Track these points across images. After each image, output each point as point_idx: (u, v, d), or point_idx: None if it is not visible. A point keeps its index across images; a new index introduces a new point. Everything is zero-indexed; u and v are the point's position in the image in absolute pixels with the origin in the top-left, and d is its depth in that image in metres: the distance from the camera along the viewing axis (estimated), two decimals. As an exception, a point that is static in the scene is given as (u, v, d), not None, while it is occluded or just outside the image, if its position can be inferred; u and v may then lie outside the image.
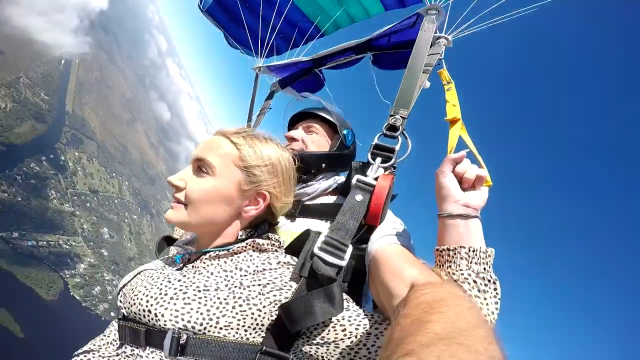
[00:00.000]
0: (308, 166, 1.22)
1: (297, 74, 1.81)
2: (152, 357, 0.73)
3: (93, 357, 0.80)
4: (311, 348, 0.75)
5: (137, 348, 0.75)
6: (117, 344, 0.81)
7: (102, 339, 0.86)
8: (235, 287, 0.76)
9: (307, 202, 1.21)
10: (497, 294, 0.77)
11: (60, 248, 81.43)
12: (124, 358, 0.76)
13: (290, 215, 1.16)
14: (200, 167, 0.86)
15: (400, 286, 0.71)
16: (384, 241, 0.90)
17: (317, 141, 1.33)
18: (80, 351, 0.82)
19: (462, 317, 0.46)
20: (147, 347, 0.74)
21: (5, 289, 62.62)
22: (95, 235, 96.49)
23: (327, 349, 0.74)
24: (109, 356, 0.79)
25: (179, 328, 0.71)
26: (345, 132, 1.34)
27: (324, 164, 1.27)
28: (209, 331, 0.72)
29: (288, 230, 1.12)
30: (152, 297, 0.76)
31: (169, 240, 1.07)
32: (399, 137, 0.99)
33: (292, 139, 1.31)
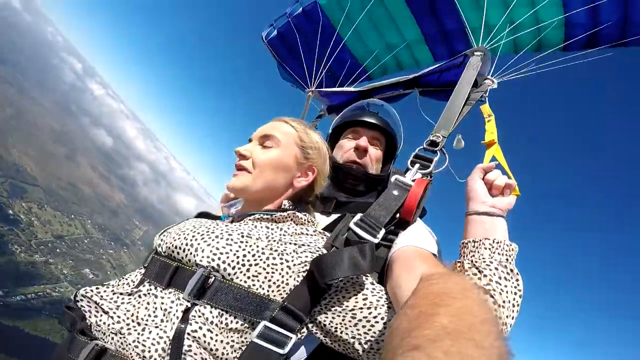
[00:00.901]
0: (367, 185, 1.24)
1: (345, 103, 1.83)
2: (168, 298, 0.72)
3: (104, 291, 0.78)
4: (327, 317, 0.74)
5: (156, 287, 0.74)
6: (134, 284, 0.81)
7: (120, 280, 0.86)
8: (275, 241, 0.79)
9: (342, 200, 1.20)
10: (518, 285, 0.77)
11: (52, 296, 74.45)
12: (138, 297, 0.74)
13: (325, 212, 1.17)
14: (265, 141, 0.99)
15: (409, 279, 0.69)
16: (407, 243, 0.88)
17: (379, 159, 1.31)
18: (94, 286, 0.81)
19: (470, 310, 0.44)
20: (168, 287, 0.73)
21: (22, 345, 58.01)
22: (79, 277, 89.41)
23: (343, 319, 0.73)
24: (121, 293, 0.77)
25: (212, 267, 0.71)
26: (397, 153, 1.36)
27: (379, 187, 1.27)
28: (237, 277, 0.72)
29: (323, 224, 1.12)
30: (198, 233, 0.78)
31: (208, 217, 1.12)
32: (438, 152, 1.08)
33: (365, 151, 1.26)
